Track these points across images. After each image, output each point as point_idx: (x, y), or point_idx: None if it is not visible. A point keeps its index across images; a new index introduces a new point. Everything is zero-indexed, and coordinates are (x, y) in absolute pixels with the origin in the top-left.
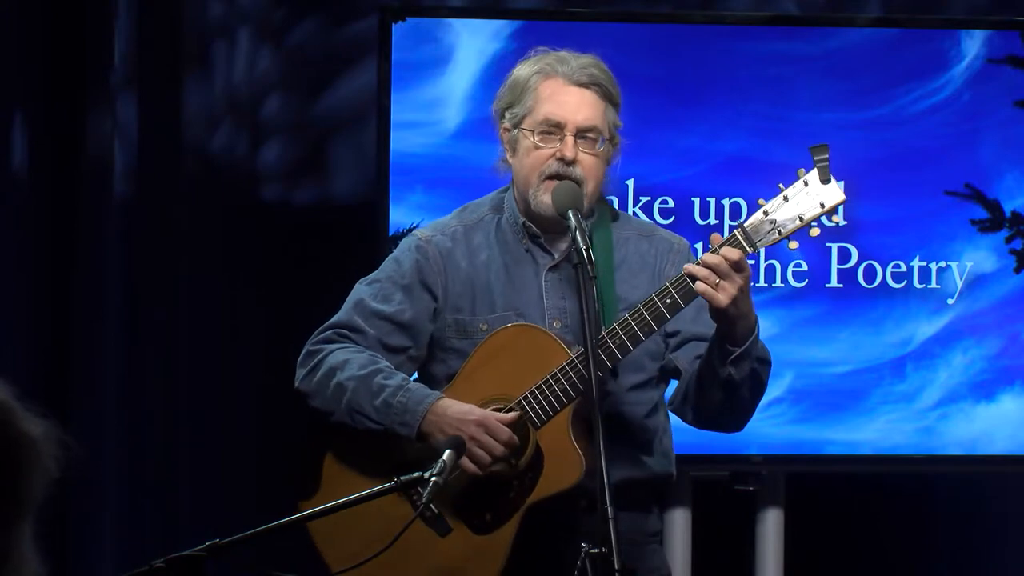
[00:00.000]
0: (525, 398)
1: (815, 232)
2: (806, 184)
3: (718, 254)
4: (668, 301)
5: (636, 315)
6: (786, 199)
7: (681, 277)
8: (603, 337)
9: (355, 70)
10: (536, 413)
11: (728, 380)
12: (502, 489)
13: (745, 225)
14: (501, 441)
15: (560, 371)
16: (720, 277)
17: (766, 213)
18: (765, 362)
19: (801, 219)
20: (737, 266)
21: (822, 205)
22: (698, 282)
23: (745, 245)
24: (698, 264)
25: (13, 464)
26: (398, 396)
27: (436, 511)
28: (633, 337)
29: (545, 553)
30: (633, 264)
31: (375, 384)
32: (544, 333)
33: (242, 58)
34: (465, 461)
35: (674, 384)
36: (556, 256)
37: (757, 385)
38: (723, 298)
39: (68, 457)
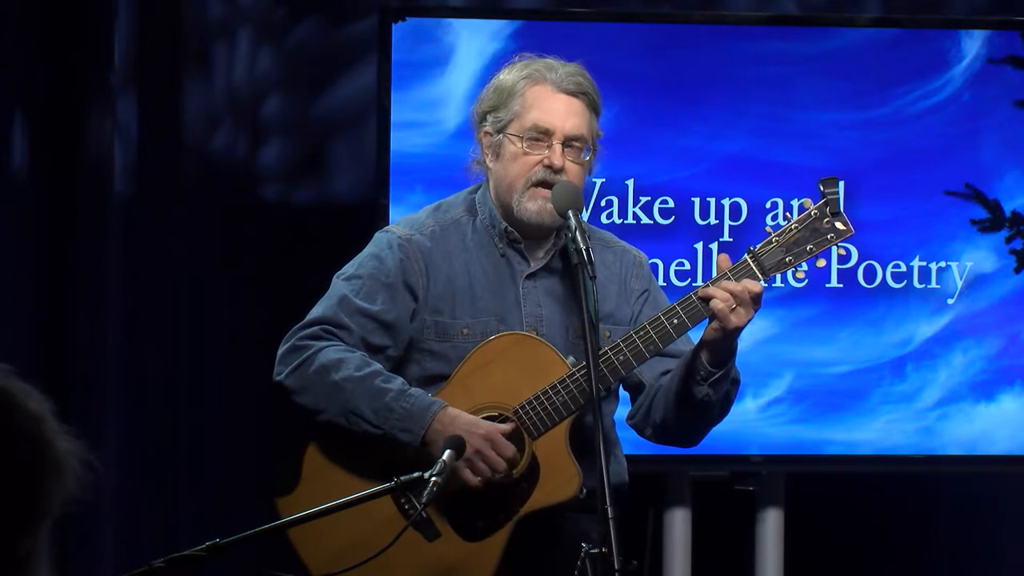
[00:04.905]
0: (523, 407)
1: (821, 263)
2: (815, 215)
3: (735, 281)
4: (675, 321)
5: (641, 333)
6: (795, 229)
7: (688, 298)
8: (606, 352)
9: (355, 70)
10: (534, 423)
11: (704, 400)
12: (495, 497)
13: (756, 251)
14: (505, 458)
15: (560, 383)
16: (738, 304)
17: (776, 242)
18: (736, 383)
19: (810, 250)
20: (757, 299)
21: (831, 237)
22: (716, 301)
23: (757, 272)
24: (716, 287)
25: (39, 472)
26: (400, 402)
27: (425, 515)
28: (637, 355)
29: (535, 559)
30: (601, 276)
31: (374, 387)
32: (543, 344)
33: (242, 58)
34: (467, 473)
35: (625, 397)
36: (532, 264)
37: (727, 405)
38: (735, 321)
39: (92, 479)
